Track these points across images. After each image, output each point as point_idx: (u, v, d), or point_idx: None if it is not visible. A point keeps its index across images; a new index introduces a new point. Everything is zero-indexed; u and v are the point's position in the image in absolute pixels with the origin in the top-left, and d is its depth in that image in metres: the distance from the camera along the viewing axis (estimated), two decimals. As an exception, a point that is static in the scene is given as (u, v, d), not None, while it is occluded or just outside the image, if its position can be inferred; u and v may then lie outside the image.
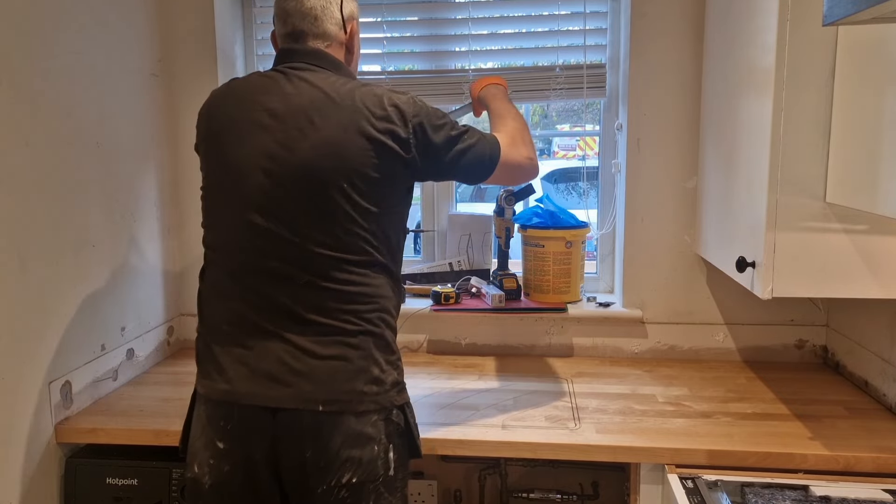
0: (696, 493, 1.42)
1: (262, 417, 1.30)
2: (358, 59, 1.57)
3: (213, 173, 1.43)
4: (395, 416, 1.36)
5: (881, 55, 1.25)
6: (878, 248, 1.44)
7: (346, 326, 1.33)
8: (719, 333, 2.16)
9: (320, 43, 1.45)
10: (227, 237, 1.37)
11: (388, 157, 1.33)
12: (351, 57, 1.51)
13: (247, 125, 1.35)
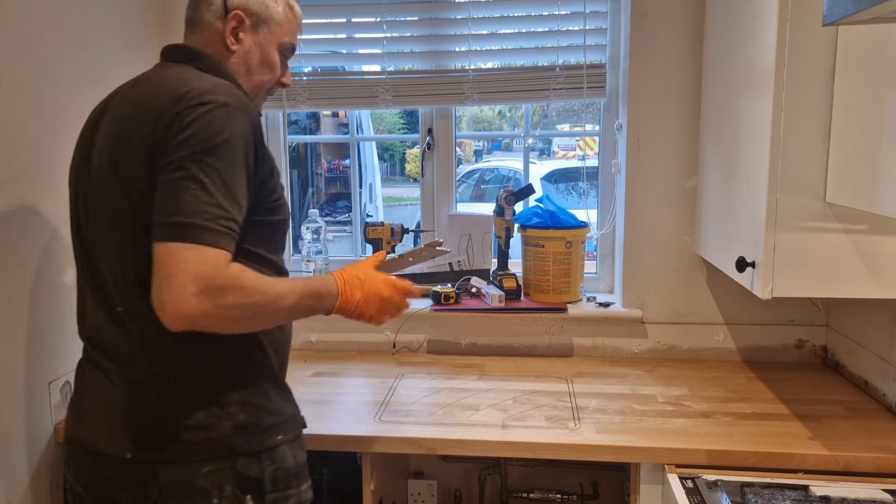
0: (695, 492, 1.42)
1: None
2: (250, 63, 1.35)
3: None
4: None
5: (881, 55, 1.25)
6: (878, 248, 1.44)
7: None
8: (719, 333, 2.16)
9: (190, 32, 1.35)
10: None
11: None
12: (229, 55, 1.33)
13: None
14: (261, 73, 1.37)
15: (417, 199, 2.48)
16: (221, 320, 1.11)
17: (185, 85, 1.18)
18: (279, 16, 1.36)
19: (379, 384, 1.95)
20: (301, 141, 5.65)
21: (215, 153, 1.12)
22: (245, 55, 1.34)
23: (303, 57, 2.35)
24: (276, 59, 1.38)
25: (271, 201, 1.26)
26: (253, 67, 1.35)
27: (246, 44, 1.34)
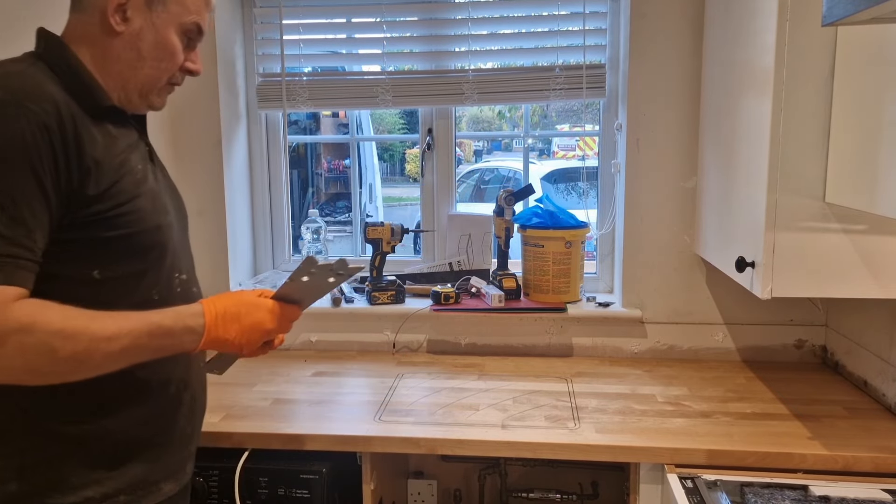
0: (695, 492, 1.42)
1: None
2: (140, 48, 1.15)
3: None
4: None
5: (880, 55, 1.25)
6: (878, 248, 1.44)
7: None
8: (719, 333, 2.16)
9: (72, 11, 1.17)
10: None
11: None
12: (113, 38, 1.13)
13: None
14: (156, 59, 1.16)
15: (417, 200, 2.48)
16: (9, 372, 0.96)
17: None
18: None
19: (379, 384, 1.95)
20: (301, 141, 5.65)
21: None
22: (134, 38, 1.14)
23: (303, 57, 2.35)
24: (176, 42, 1.18)
25: (104, 211, 1.06)
26: (145, 53, 1.15)
27: (135, 24, 1.13)
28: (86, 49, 1.14)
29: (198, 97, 2.20)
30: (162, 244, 1.17)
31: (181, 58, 1.20)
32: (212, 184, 2.24)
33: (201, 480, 1.63)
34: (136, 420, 1.16)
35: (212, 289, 2.26)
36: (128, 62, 1.15)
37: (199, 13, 1.20)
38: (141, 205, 1.12)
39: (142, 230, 1.12)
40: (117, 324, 1.02)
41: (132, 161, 1.14)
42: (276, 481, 1.63)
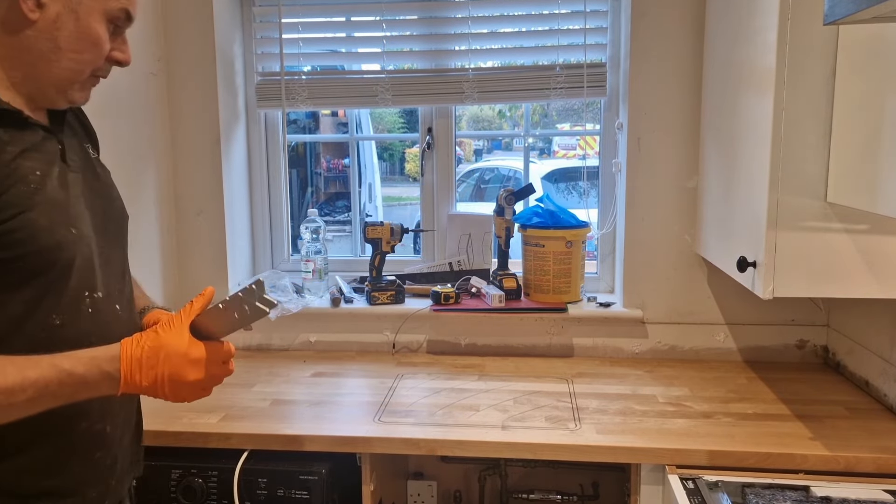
0: (696, 493, 1.41)
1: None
2: (58, 38, 1.02)
3: None
4: None
5: (882, 54, 1.25)
6: (879, 248, 1.43)
7: None
8: (720, 333, 2.15)
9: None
10: None
11: None
12: (26, 27, 1.00)
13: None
14: (77, 50, 1.03)
15: (417, 199, 2.48)
16: None
17: None
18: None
19: (378, 384, 1.95)
20: (300, 140, 5.64)
21: None
22: (50, 27, 1.01)
23: (302, 56, 2.35)
24: (100, 31, 1.05)
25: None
26: (63, 44, 1.02)
27: (51, 11, 1.00)
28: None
29: (197, 96, 2.19)
30: (64, 262, 1.01)
31: (106, 48, 1.07)
32: (211, 183, 2.23)
33: (200, 481, 1.62)
34: (28, 468, 1.01)
35: (211, 289, 2.26)
36: (41, 54, 1.01)
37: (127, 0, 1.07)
38: (31, 219, 0.97)
39: (33, 250, 0.97)
40: (22, 373, 0.90)
41: (24, 168, 0.98)
42: (275, 482, 1.62)
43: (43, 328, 1.00)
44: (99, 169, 1.20)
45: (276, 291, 2.28)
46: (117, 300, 1.13)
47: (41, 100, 1.07)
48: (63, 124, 1.13)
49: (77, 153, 1.14)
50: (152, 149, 2.11)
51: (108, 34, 1.06)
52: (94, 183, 1.15)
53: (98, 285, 1.08)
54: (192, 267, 2.27)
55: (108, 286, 1.11)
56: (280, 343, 2.30)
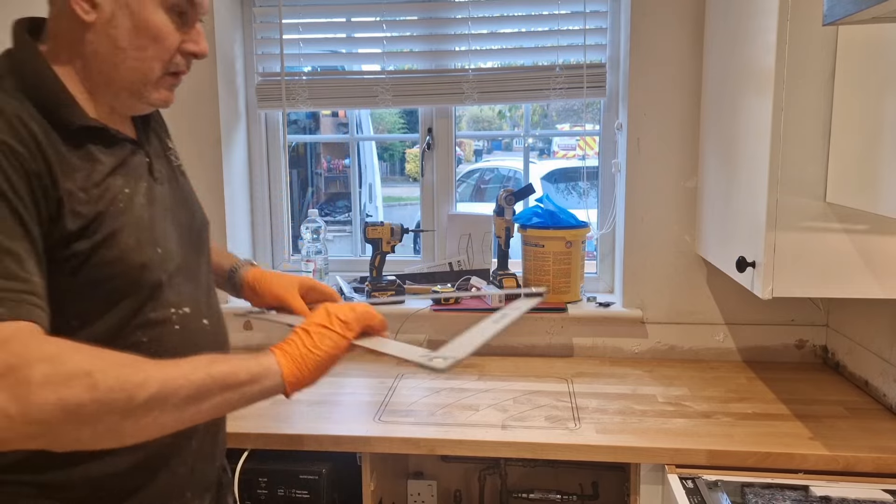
0: (696, 493, 1.41)
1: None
2: (117, 37, 0.96)
3: None
4: None
5: (881, 55, 1.25)
6: (879, 248, 1.43)
7: None
8: (719, 333, 2.15)
9: (49, 5, 0.98)
10: None
11: None
12: (85, 30, 0.94)
13: None
14: (137, 47, 0.96)
15: (417, 199, 2.48)
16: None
17: None
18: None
19: (378, 384, 1.95)
20: (300, 141, 5.65)
21: None
22: (107, 26, 0.94)
23: (302, 56, 2.35)
24: (160, 22, 0.97)
25: (84, 251, 0.91)
26: (122, 41, 0.95)
27: (106, 10, 0.94)
28: (62, 50, 0.96)
29: (197, 96, 2.19)
30: (151, 283, 0.98)
31: (174, 40, 0.99)
32: (211, 183, 2.23)
33: (201, 481, 1.62)
34: (122, 466, 0.98)
35: (211, 289, 2.26)
36: (105, 57, 0.95)
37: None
38: (120, 241, 0.94)
39: (121, 271, 0.94)
40: (192, 373, 0.87)
41: (114, 188, 0.96)
42: (275, 482, 1.63)
43: (131, 346, 0.93)
44: (181, 178, 1.15)
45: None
46: (205, 314, 1.09)
47: (121, 107, 1.02)
48: (149, 132, 1.10)
49: (162, 164, 1.10)
50: (153, 149, 2.11)
51: (172, 25, 0.98)
52: (178, 194, 1.11)
53: (184, 301, 1.04)
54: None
55: (195, 301, 1.07)
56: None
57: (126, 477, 1.00)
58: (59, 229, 0.88)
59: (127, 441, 0.83)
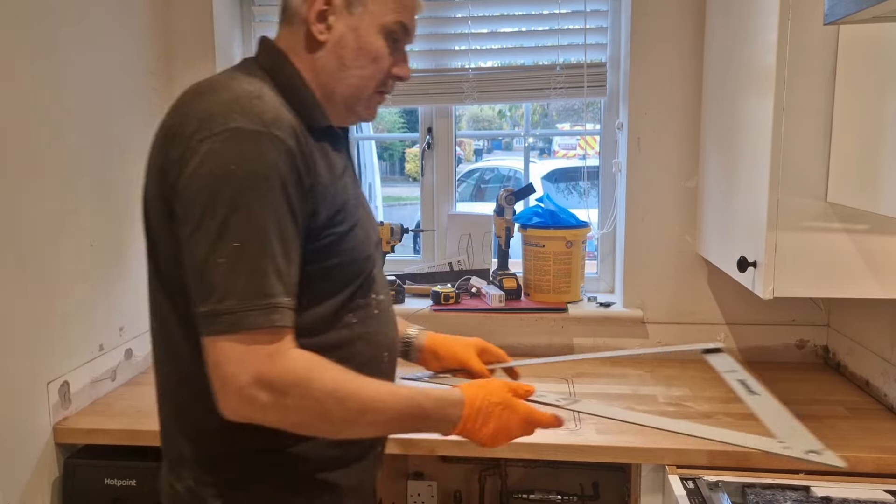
0: (696, 493, 1.41)
1: None
2: (343, 56, 1.08)
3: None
4: None
5: (882, 54, 1.25)
6: (880, 248, 1.43)
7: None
8: (720, 333, 2.15)
9: (280, 25, 1.14)
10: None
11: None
12: (318, 48, 1.07)
13: None
14: (359, 66, 1.08)
15: (417, 199, 2.48)
16: (282, 423, 0.96)
17: (195, 105, 0.97)
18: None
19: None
20: (301, 140, 5.64)
21: (236, 200, 0.90)
22: (336, 46, 1.07)
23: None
24: (379, 45, 1.08)
25: (329, 243, 1.02)
26: (347, 60, 1.07)
27: (337, 30, 1.06)
28: (299, 64, 1.08)
29: (197, 96, 2.19)
30: (368, 271, 1.11)
31: (387, 62, 1.10)
32: (211, 183, 2.23)
33: (200, 481, 1.62)
34: (331, 442, 1.09)
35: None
36: (332, 72, 1.08)
37: (403, 11, 1.09)
38: (356, 233, 1.07)
39: (351, 259, 1.06)
40: (384, 397, 0.99)
41: (349, 186, 1.09)
42: (275, 482, 1.62)
43: (344, 326, 1.07)
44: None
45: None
46: (391, 302, 1.22)
47: (335, 118, 1.11)
48: (348, 144, 1.20)
49: (353, 168, 1.19)
50: (152, 149, 2.11)
51: (387, 49, 1.09)
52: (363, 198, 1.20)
53: (381, 289, 1.16)
54: (192, 267, 2.27)
55: (385, 289, 1.19)
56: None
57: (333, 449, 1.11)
58: (314, 221, 0.99)
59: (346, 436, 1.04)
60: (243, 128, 0.92)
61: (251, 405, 0.91)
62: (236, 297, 0.89)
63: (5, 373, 1.53)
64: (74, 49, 1.75)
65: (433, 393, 1.06)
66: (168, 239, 0.98)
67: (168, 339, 1.07)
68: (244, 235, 0.90)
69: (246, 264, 0.90)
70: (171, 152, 0.96)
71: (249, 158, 0.91)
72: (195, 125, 0.94)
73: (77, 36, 1.76)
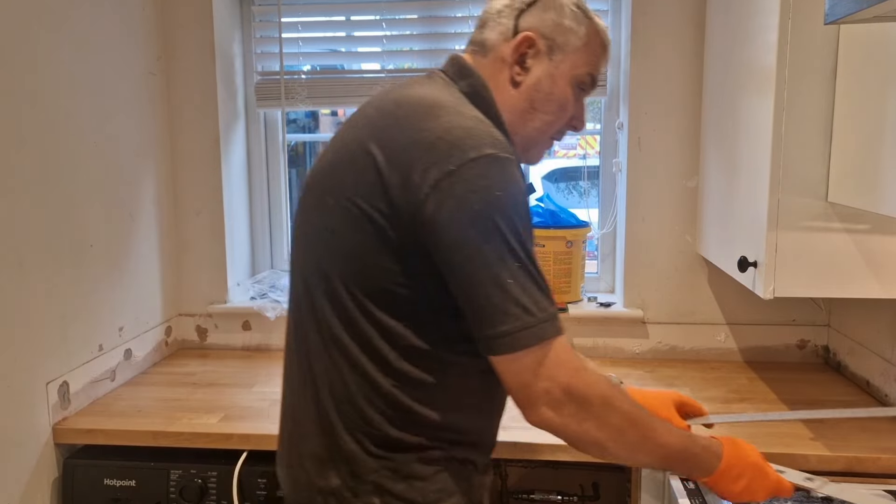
0: (697, 494, 1.40)
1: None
2: (534, 99, 1.11)
3: None
4: None
5: (883, 54, 1.24)
6: (880, 248, 1.43)
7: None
8: (721, 333, 2.15)
9: (473, 55, 1.14)
10: None
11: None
12: (511, 87, 1.11)
13: None
14: (547, 111, 1.12)
15: (417, 199, 2.47)
16: (578, 437, 1.00)
17: (431, 124, 0.97)
18: (579, 40, 1.10)
19: (378, 384, 1.94)
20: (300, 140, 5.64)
21: (507, 225, 0.96)
22: (530, 88, 1.10)
23: (302, 55, 2.34)
24: (569, 93, 1.12)
25: None
26: (538, 103, 1.11)
27: (534, 73, 1.10)
28: (497, 97, 1.10)
29: (196, 96, 2.19)
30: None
31: (569, 112, 1.14)
32: (210, 183, 2.23)
33: (199, 482, 1.62)
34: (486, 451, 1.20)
35: (211, 290, 2.26)
36: (521, 113, 1.11)
37: (596, 64, 1.13)
38: None
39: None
40: (666, 431, 1.04)
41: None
42: (274, 483, 1.62)
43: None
44: None
45: (275, 291, 2.28)
46: None
47: None
48: None
49: None
50: (151, 148, 2.11)
51: (573, 98, 1.13)
52: None
53: None
54: (190, 267, 2.27)
55: None
56: (280, 343, 2.28)
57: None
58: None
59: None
60: (497, 155, 0.95)
61: (559, 414, 0.96)
62: (531, 314, 0.94)
63: (4, 373, 1.52)
64: (74, 49, 1.74)
65: (700, 440, 1.10)
66: (376, 251, 0.99)
67: (342, 345, 1.05)
68: (521, 256, 0.96)
69: (530, 283, 0.95)
70: (412, 174, 0.95)
71: (509, 184, 0.96)
72: (444, 148, 0.94)
73: (76, 36, 1.75)
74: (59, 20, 1.69)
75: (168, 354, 2.23)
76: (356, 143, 1.03)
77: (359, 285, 1.01)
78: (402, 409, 1.03)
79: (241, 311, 2.27)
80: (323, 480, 1.08)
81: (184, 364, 2.14)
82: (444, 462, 1.07)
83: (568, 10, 1.10)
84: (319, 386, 1.09)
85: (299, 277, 1.12)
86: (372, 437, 1.05)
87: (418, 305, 1.01)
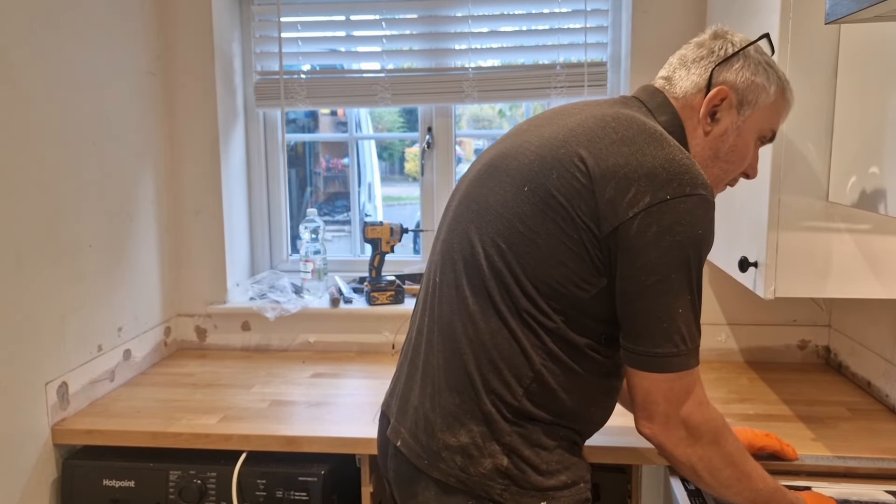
0: (697, 495, 1.40)
1: None
2: (718, 148, 1.17)
3: None
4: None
5: (883, 54, 1.24)
6: (881, 248, 1.42)
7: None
8: (721, 334, 2.14)
9: (658, 81, 1.25)
10: None
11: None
12: (698, 136, 1.17)
13: None
14: (728, 161, 1.18)
15: (417, 199, 2.47)
16: (681, 462, 1.11)
17: (650, 151, 1.04)
18: (768, 98, 1.16)
19: (378, 385, 1.94)
20: (299, 140, 5.63)
21: (696, 261, 1.04)
22: (717, 138, 1.16)
23: (301, 55, 2.34)
24: (751, 146, 1.18)
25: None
26: (721, 153, 1.17)
27: (722, 125, 1.15)
28: (690, 141, 1.17)
29: (195, 96, 2.18)
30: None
31: (747, 162, 1.20)
32: (209, 183, 2.22)
33: (199, 482, 1.62)
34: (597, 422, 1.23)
35: (210, 290, 2.26)
36: (703, 160, 1.16)
37: (780, 119, 1.20)
38: None
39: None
40: (759, 478, 1.13)
41: None
42: (273, 483, 1.62)
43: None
44: None
45: (274, 291, 2.28)
46: None
47: None
48: None
49: None
50: (151, 148, 2.11)
51: (753, 150, 1.20)
52: None
53: None
54: (190, 266, 2.27)
55: None
56: (279, 343, 2.29)
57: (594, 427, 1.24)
58: None
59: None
60: (706, 197, 1.03)
61: (668, 435, 1.07)
62: (685, 344, 1.03)
63: (3, 373, 1.52)
64: (73, 49, 1.74)
65: (788, 494, 1.18)
66: (560, 247, 1.05)
67: (503, 316, 1.09)
68: (694, 290, 1.04)
69: (692, 316, 1.04)
70: (627, 192, 1.01)
71: (708, 227, 1.04)
72: (664, 177, 1.01)
73: (76, 36, 1.75)
74: (58, 20, 1.69)
75: (167, 355, 2.23)
76: (561, 143, 1.08)
77: (530, 272, 1.07)
78: (545, 388, 1.10)
79: (241, 312, 2.26)
80: (452, 437, 1.11)
81: (183, 364, 2.14)
82: (561, 440, 1.14)
83: (762, 68, 1.15)
84: (463, 346, 1.12)
85: (464, 238, 1.14)
86: (508, 406, 1.10)
87: (580, 304, 1.08)
